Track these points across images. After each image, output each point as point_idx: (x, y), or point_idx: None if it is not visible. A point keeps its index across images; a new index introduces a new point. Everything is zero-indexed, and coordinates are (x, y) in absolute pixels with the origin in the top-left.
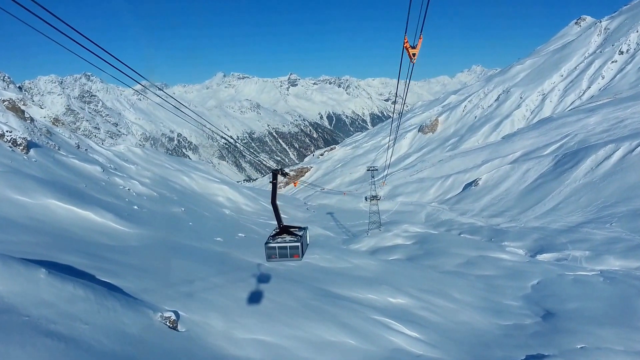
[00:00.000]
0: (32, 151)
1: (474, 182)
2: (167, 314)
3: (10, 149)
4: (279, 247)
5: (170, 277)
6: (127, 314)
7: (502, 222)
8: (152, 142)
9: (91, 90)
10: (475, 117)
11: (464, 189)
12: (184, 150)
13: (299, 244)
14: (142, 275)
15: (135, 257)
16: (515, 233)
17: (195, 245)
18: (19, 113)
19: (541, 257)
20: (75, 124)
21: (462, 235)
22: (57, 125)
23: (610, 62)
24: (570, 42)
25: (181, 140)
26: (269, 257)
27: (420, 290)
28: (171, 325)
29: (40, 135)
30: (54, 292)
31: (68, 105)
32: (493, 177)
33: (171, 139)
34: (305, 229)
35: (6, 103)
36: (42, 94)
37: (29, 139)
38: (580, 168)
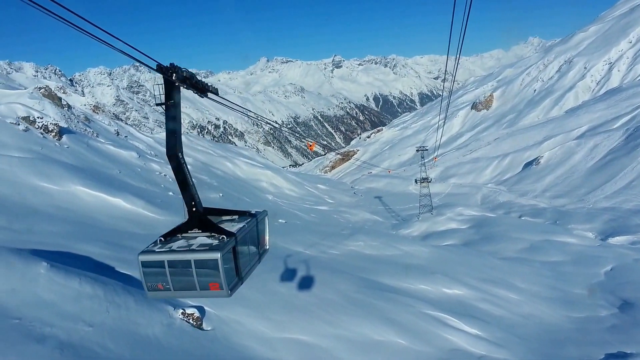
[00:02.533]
0: (64, 137)
1: (534, 161)
2: (190, 310)
3: (42, 136)
4: (171, 264)
5: None
6: (142, 313)
7: (568, 203)
8: (198, 129)
9: (139, 81)
10: (535, 90)
11: (523, 169)
12: (229, 137)
13: (217, 255)
14: None
15: None
16: (583, 215)
17: None
18: (56, 100)
19: (613, 240)
20: (125, 114)
21: (523, 218)
22: (97, 113)
23: None
24: (638, 5)
25: (227, 127)
26: (150, 289)
27: (479, 280)
28: (195, 324)
29: (78, 122)
30: (55, 289)
31: (117, 96)
32: (556, 154)
33: (217, 126)
34: (255, 216)
35: (42, 91)
36: (92, 86)
37: (61, 125)
38: None
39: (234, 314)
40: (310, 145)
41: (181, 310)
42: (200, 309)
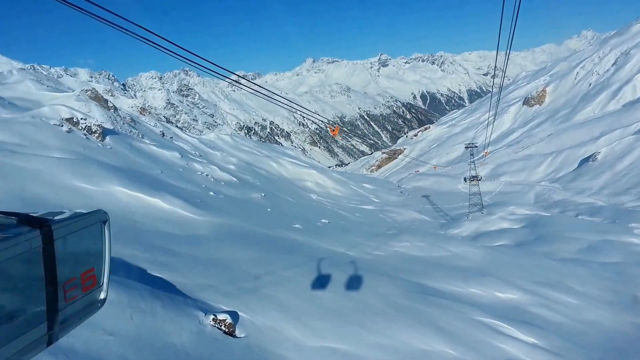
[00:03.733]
0: (108, 138)
1: (591, 157)
2: (222, 316)
3: (85, 137)
4: None
5: (234, 270)
6: (170, 319)
7: (628, 201)
8: (245, 130)
9: (189, 84)
10: (590, 84)
11: (579, 165)
12: (276, 137)
13: None
14: (202, 269)
15: (200, 248)
16: None
17: (270, 233)
18: (102, 102)
19: None
20: (175, 116)
21: (579, 217)
22: (143, 115)
23: None
24: None
25: (273, 127)
26: None
27: (535, 283)
28: (227, 330)
29: (124, 123)
30: None
31: (168, 99)
32: (614, 150)
33: (264, 127)
34: (63, 220)
35: (89, 93)
36: (144, 90)
37: (105, 126)
38: None
39: (269, 319)
40: (333, 131)
41: (212, 316)
42: (234, 315)
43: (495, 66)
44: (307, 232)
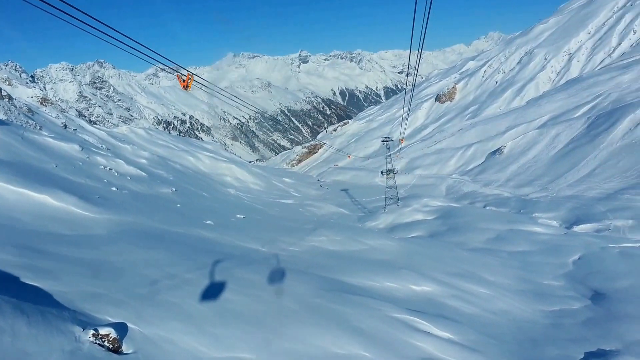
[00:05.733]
0: None
1: (498, 151)
2: (105, 330)
3: None
4: None
5: (128, 275)
6: (36, 338)
7: (532, 192)
8: (164, 125)
9: (103, 77)
10: (496, 82)
11: (487, 159)
12: (196, 132)
13: None
14: (90, 274)
15: (91, 250)
16: (547, 203)
17: (176, 231)
18: None
19: (578, 228)
20: (88, 110)
21: (487, 208)
22: (45, 106)
23: None
24: None
25: (193, 122)
26: None
27: (448, 274)
28: (111, 347)
29: (19, 114)
30: None
31: (80, 92)
32: (519, 144)
33: (183, 122)
34: None
35: None
36: (54, 82)
37: None
38: (617, 129)
39: (165, 330)
40: (183, 82)
41: (92, 331)
42: (121, 327)
43: (409, 65)
44: (219, 229)
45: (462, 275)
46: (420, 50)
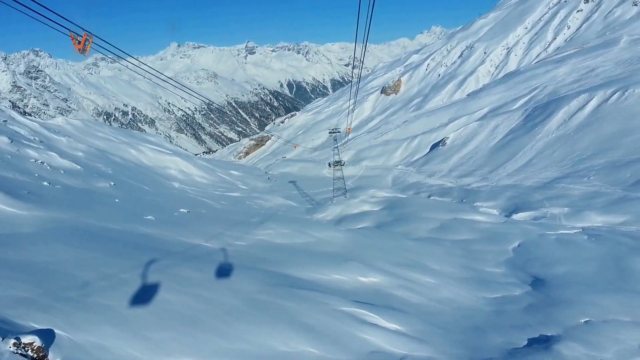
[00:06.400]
0: None
1: (441, 142)
2: (28, 339)
3: None
4: None
5: (57, 277)
6: None
7: (473, 182)
8: (104, 116)
9: (39, 66)
10: (439, 75)
11: (431, 150)
12: (139, 124)
13: None
14: (14, 277)
15: (16, 250)
16: (488, 192)
17: (113, 227)
18: None
19: (517, 216)
20: (22, 101)
21: (432, 198)
22: None
23: (575, 11)
24: None
25: (136, 114)
26: None
27: (395, 264)
28: (35, 356)
29: None
30: None
31: (14, 82)
32: (461, 135)
33: (125, 113)
34: None
35: None
36: None
37: None
38: (552, 121)
39: (97, 336)
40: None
41: (13, 340)
42: (47, 334)
43: (354, 57)
44: (160, 224)
45: (409, 265)
46: (365, 43)
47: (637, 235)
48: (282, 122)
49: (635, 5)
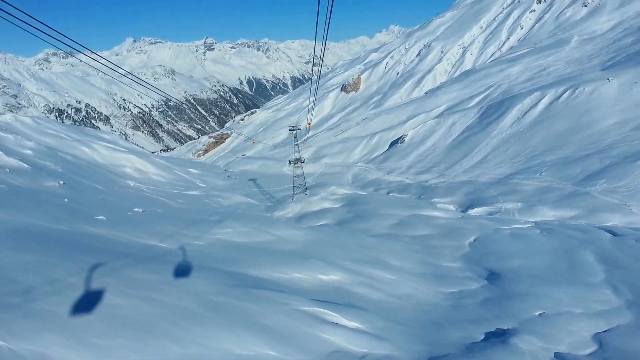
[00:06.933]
0: None
1: (400, 139)
2: None
3: None
4: None
5: None
6: None
7: (431, 178)
8: (56, 113)
9: None
10: (398, 73)
11: (390, 147)
12: (93, 121)
13: None
14: None
15: None
16: (445, 188)
17: (61, 229)
18: None
19: (473, 211)
20: None
21: (391, 195)
22: None
23: (528, 11)
24: None
25: (90, 111)
26: None
27: (355, 261)
28: None
29: None
30: None
31: None
32: (419, 132)
33: (78, 110)
34: None
35: None
36: None
37: None
38: (506, 118)
39: (40, 344)
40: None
41: None
42: None
43: (314, 55)
44: (112, 225)
45: (369, 261)
46: (324, 41)
47: (587, 229)
48: (242, 119)
49: (585, 6)
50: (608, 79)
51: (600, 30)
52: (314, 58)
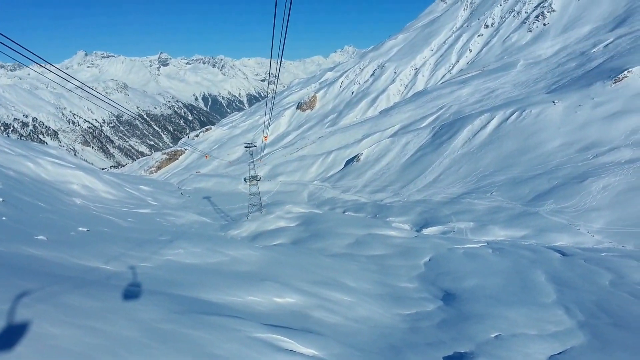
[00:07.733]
0: None
1: (355, 158)
2: None
3: None
4: None
5: None
6: None
7: (386, 197)
8: (2, 128)
9: None
10: (352, 92)
11: (345, 165)
12: (40, 136)
13: None
14: None
15: None
16: (399, 208)
17: None
18: None
19: (427, 230)
20: None
21: (347, 213)
22: None
23: (476, 35)
24: (438, 17)
25: (37, 125)
26: None
27: (311, 283)
28: None
29: None
30: None
31: None
32: (374, 151)
33: (25, 124)
34: None
35: None
36: None
37: None
38: (457, 138)
39: None
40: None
41: None
42: None
43: (270, 72)
44: (53, 245)
45: (325, 282)
46: (280, 59)
47: (537, 249)
48: (197, 135)
49: (530, 31)
50: (553, 102)
51: (544, 55)
52: (269, 76)
